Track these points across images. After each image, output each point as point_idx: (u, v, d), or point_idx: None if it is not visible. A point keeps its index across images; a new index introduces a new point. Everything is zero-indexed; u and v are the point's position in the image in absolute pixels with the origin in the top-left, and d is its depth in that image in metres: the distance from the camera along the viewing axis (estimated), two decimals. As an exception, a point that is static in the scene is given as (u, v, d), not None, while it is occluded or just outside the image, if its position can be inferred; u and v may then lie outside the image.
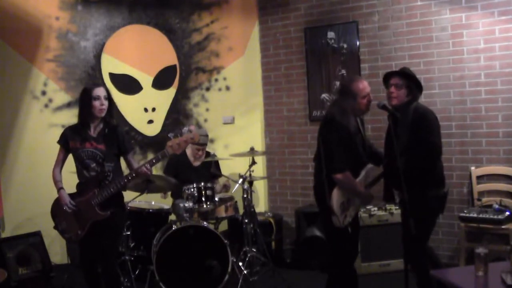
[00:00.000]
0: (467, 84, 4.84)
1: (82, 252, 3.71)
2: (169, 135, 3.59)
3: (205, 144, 4.98)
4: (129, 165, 3.74)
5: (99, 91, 3.54)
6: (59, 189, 3.63)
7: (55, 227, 3.72)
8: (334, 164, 3.40)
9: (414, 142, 3.40)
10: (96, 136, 3.60)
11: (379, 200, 5.15)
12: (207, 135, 5.09)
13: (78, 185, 3.67)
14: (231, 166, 5.26)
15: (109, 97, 3.60)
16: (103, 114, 3.56)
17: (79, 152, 3.58)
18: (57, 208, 3.67)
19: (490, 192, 4.76)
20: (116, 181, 3.55)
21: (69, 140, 3.63)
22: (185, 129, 3.58)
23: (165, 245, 4.20)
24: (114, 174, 3.62)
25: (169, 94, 5.76)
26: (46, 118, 5.34)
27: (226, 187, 5.05)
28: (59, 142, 3.69)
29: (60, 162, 3.69)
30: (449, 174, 4.64)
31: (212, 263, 4.28)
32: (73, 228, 3.60)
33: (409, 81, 3.53)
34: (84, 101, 3.55)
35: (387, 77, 3.63)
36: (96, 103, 3.51)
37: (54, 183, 3.65)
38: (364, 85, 3.48)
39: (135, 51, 5.63)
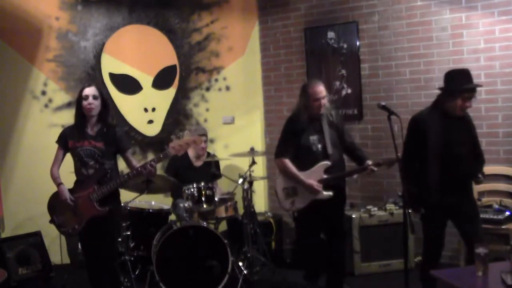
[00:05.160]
0: (467, 84, 4.83)
1: (84, 251, 3.78)
2: (171, 136, 3.65)
3: (205, 135, 4.98)
4: (128, 163, 3.79)
5: (88, 91, 3.61)
6: (59, 184, 3.68)
7: (51, 221, 3.76)
8: (276, 150, 4.02)
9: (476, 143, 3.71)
10: (95, 135, 3.65)
11: (379, 200, 5.16)
12: (203, 129, 5.13)
13: (76, 183, 3.72)
14: (231, 166, 5.25)
15: (103, 97, 3.67)
16: (92, 113, 3.61)
17: (78, 151, 3.63)
18: (54, 202, 3.72)
19: (490, 192, 4.75)
20: (115, 178, 3.62)
21: (68, 139, 3.67)
22: (187, 131, 3.66)
23: (165, 245, 4.19)
24: (113, 172, 3.69)
25: (169, 94, 5.75)
26: (46, 118, 5.33)
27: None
28: (57, 142, 3.74)
29: (58, 162, 3.73)
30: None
31: (212, 263, 4.28)
32: (70, 222, 3.66)
33: None
34: (77, 101, 3.66)
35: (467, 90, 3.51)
36: (85, 103, 3.59)
37: (53, 180, 3.71)
38: (318, 90, 3.87)
39: (135, 51, 5.63)
